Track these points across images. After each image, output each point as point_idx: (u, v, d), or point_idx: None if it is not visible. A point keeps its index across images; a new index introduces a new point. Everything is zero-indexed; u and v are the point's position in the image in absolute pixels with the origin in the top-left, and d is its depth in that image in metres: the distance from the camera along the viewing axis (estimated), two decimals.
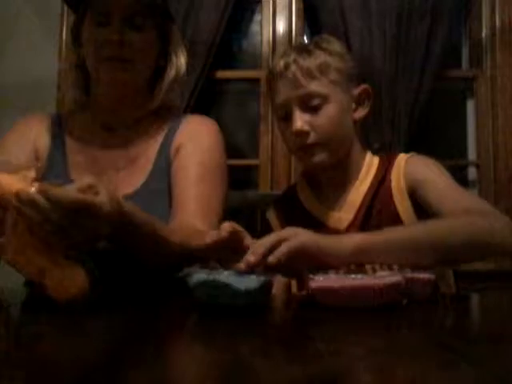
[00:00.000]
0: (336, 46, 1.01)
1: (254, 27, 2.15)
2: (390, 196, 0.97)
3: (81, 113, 1.07)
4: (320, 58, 0.97)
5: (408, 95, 1.85)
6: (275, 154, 1.99)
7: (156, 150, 1.03)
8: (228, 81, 2.11)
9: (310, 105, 0.95)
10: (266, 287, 0.63)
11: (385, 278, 0.62)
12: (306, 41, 2.10)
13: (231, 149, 1.09)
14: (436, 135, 2.08)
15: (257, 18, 2.13)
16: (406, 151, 1.05)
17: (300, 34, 2.05)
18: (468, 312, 0.75)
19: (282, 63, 0.98)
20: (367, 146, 1.11)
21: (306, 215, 1.03)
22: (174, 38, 1.06)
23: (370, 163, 1.02)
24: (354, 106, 1.01)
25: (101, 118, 1.04)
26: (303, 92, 0.95)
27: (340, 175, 1.01)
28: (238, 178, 1.97)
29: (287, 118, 0.97)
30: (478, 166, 2.01)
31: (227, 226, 0.71)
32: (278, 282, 0.95)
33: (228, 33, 2.00)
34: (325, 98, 0.95)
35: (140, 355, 0.42)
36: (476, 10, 2.04)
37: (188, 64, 1.09)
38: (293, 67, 0.96)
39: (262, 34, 2.08)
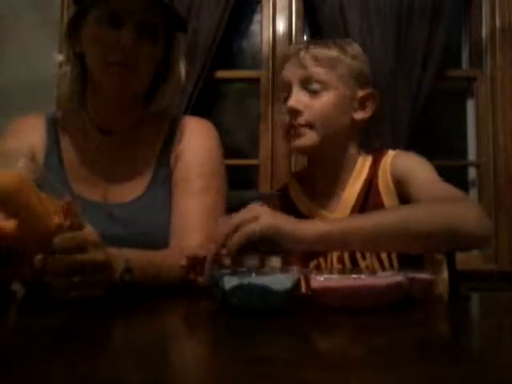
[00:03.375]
0: (354, 48, 1.03)
1: (254, 27, 2.15)
2: (379, 194, 0.97)
3: (76, 113, 1.03)
4: (333, 53, 0.99)
5: (408, 95, 1.85)
6: (275, 154, 1.99)
7: (156, 156, 1.02)
8: (228, 81, 2.11)
9: (309, 87, 0.97)
10: (296, 285, 0.62)
11: (386, 278, 0.62)
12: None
13: (231, 149, 1.09)
14: (436, 135, 2.08)
15: (257, 18, 2.13)
16: (406, 151, 1.05)
17: (300, 34, 2.05)
18: (467, 312, 0.75)
19: (295, 48, 1.02)
20: (367, 146, 1.11)
21: (297, 215, 1.03)
22: (178, 46, 1.03)
23: (363, 163, 1.02)
24: (355, 105, 1.01)
25: (97, 120, 1.02)
26: (306, 73, 0.97)
27: (333, 174, 1.01)
28: (238, 178, 1.97)
29: (287, 99, 0.99)
30: (477, 166, 2.01)
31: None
32: None
33: (228, 33, 2.00)
34: (325, 85, 0.97)
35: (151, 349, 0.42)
36: (476, 10, 2.04)
37: (187, 65, 1.08)
38: (303, 52, 0.99)
39: (261, 34, 2.08)
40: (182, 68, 1.04)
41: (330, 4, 1.91)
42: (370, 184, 0.99)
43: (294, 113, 0.96)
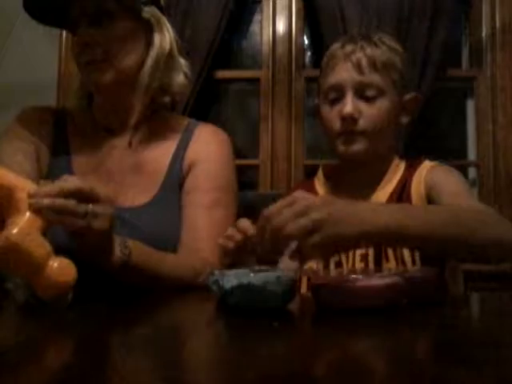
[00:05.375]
0: (400, 47, 1.02)
1: (254, 27, 2.15)
2: (410, 201, 0.97)
3: (85, 112, 1.04)
4: (386, 54, 0.97)
5: None
6: (275, 154, 1.99)
7: (168, 160, 1.00)
8: (228, 81, 2.11)
9: (364, 94, 0.95)
10: (295, 285, 0.63)
11: (385, 277, 0.62)
12: (306, 41, 2.10)
13: None
14: (436, 135, 2.08)
15: (257, 18, 2.14)
16: (406, 151, 1.05)
17: (300, 34, 2.05)
18: (468, 312, 0.75)
19: (348, 48, 0.97)
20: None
21: None
22: (154, 19, 0.99)
23: (397, 167, 1.02)
24: (401, 110, 1.01)
25: (102, 121, 1.02)
26: (364, 79, 0.95)
27: (366, 176, 1.01)
28: (238, 178, 1.97)
29: (336, 101, 0.97)
30: (477, 166, 2.01)
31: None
32: None
33: (228, 33, 2.00)
34: (381, 92, 0.96)
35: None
36: (476, 10, 2.04)
37: (187, 59, 1.05)
38: (359, 54, 0.96)
39: (261, 34, 2.08)
40: (167, 37, 0.99)
41: (330, 4, 1.91)
42: (403, 189, 0.99)
43: (350, 120, 0.95)
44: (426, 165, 1.00)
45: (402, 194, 0.98)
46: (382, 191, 1.00)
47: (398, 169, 1.02)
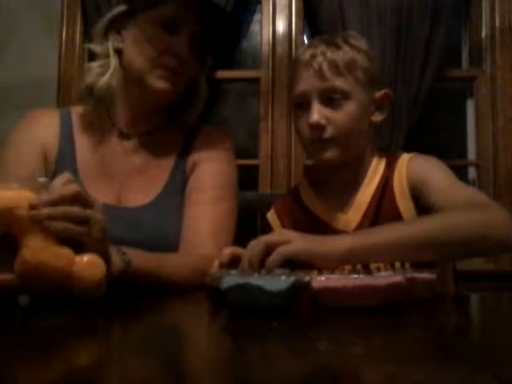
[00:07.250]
0: (364, 44, 1.00)
1: (254, 27, 2.15)
2: (394, 197, 0.96)
3: (95, 112, 1.02)
4: (348, 54, 0.95)
5: (408, 95, 1.85)
6: (275, 154, 1.99)
7: (172, 162, 1.01)
8: (228, 81, 2.11)
9: (329, 99, 0.94)
10: (296, 287, 0.62)
11: (386, 278, 0.62)
12: (306, 41, 2.10)
13: None
14: (436, 135, 2.08)
15: (257, 18, 2.13)
16: (406, 151, 1.05)
17: (300, 34, 2.05)
18: (467, 312, 0.75)
19: (308, 53, 0.96)
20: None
21: (310, 216, 1.02)
22: (207, 67, 1.05)
23: (377, 164, 1.02)
24: (372, 108, 1.00)
25: (120, 123, 1.02)
26: (326, 85, 0.94)
27: (348, 177, 1.01)
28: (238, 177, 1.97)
29: (305, 108, 0.96)
30: (477, 166, 2.01)
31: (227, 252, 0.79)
32: None
33: None
34: (346, 95, 0.94)
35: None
36: (476, 10, 2.04)
37: None
38: (319, 59, 0.94)
39: (261, 34, 2.08)
40: (205, 91, 1.07)
41: (330, 4, 1.91)
42: (385, 186, 0.98)
43: (317, 128, 0.94)
44: (405, 158, 1.00)
45: (384, 192, 0.98)
46: (365, 191, 0.99)
47: (378, 167, 1.02)
